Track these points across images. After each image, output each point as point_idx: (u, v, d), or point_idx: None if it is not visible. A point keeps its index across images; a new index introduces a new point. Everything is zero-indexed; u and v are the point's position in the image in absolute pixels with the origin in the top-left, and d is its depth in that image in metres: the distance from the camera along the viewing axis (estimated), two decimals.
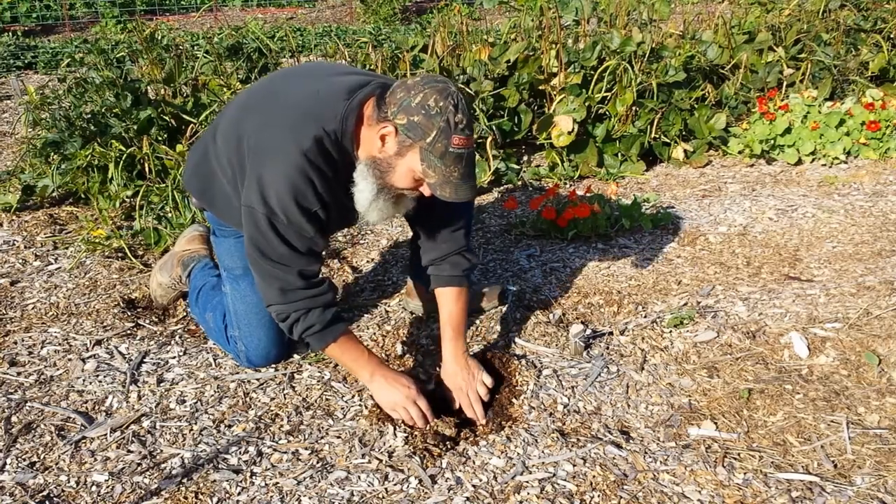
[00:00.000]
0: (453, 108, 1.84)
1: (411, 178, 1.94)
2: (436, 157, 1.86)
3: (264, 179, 1.95)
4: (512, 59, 4.29)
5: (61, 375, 2.31)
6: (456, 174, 1.89)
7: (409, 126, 1.86)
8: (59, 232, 3.34)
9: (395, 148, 1.90)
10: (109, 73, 3.73)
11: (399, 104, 1.86)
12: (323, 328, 2.06)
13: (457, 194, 1.92)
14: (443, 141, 1.84)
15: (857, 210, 3.49)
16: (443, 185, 1.90)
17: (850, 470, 1.87)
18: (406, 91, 1.87)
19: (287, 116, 2.00)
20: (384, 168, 1.94)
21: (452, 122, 1.84)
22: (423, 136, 1.85)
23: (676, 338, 2.46)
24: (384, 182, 1.96)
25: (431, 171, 1.88)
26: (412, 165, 1.90)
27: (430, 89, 1.85)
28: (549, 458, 1.93)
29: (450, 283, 2.27)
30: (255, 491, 1.84)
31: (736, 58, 4.69)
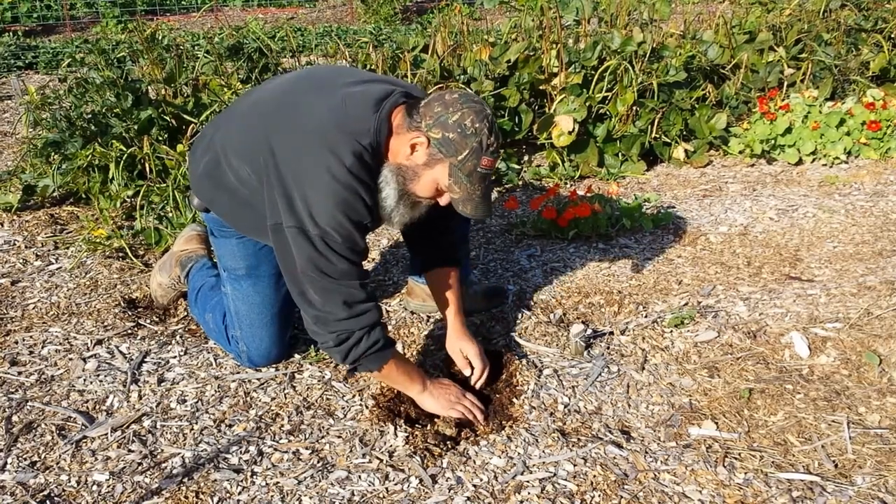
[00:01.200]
0: (488, 130, 1.90)
1: (434, 188, 1.98)
2: (464, 175, 1.91)
3: (311, 200, 1.91)
4: (512, 59, 4.29)
5: (62, 375, 2.31)
6: (479, 193, 1.95)
7: (443, 141, 1.90)
8: (59, 232, 3.34)
9: (425, 159, 1.93)
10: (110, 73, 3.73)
11: (436, 118, 1.90)
12: (384, 346, 2.03)
13: (476, 212, 1.98)
14: (473, 160, 1.90)
15: (857, 210, 3.49)
16: (465, 202, 1.96)
17: (850, 470, 1.87)
18: (444, 107, 1.91)
19: (320, 133, 1.95)
20: (409, 176, 1.97)
21: (485, 144, 1.90)
22: (455, 154, 1.90)
23: (677, 338, 2.46)
24: (405, 189, 1.99)
25: (457, 187, 1.93)
26: (438, 178, 1.95)
27: (468, 109, 1.90)
28: (550, 458, 1.93)
29: (444, 263, 2.32)
30: (255, 490, 1.84)
31: (737, 58, 4.69)
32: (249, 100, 2.23)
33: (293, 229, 1.93)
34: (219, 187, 2.18)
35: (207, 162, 2.20)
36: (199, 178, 2.24)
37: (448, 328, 2.31)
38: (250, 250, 2.26)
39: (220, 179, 2.17)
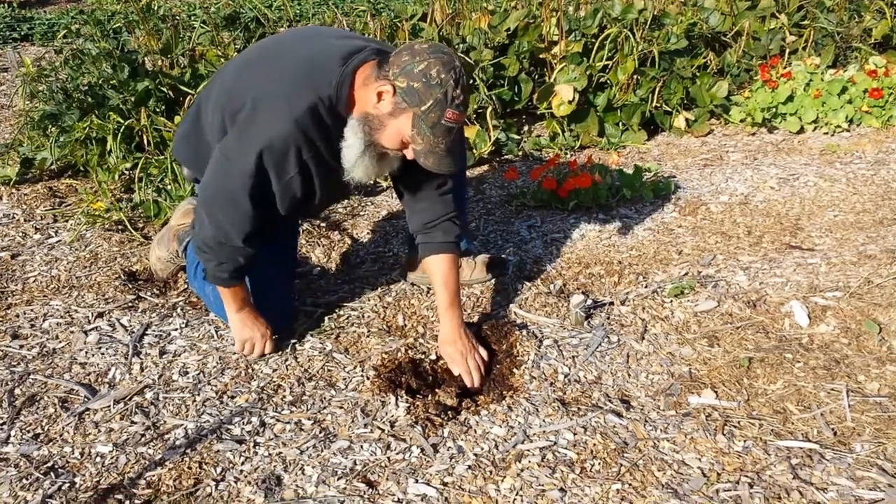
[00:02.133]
0: (454, 82, 1.88)
1: (399, 139, 1.97)
2: (427, 126, 1.90)
3: (250, 135, 1.99)
4: (512, 28, 4.24)
5: (63, 348, 2.32)
6: (442, 146, 1.93)
7: (407, 90, 1.88)
8: (58, 205, 3.33)
9: (390, 108, 1.93)
10: (106, 45, 3.69)
11: (402, 67, 1.89)
12: (232, 274, 2.17)
13: (439, 165, 1.96)
14: (437, 112, 1.88)
15: (858, 178, 3.48)
16: (427, 154, 1.95)
17: (849, 437, 1.88)
18: (412, 56, 1.90)
19: (283, 81, 2.02)
20: (375, 125, 1.97)
21: (450, 96, 1.87)
22: (419, 104, 1.88)
23: (677, 307, 2.47)
24: (372, 139, 1.99)
25: (420, 138, 1.92)
26: (402, 128, 1.93)
27: (435, 59, 1.88)
28: (550, 427, 1.95)
29: (442, 250, 2.26)
30: (258, 461, 1.85)
31: (738, 25, 4.64)
32: (237, 58, 2.29)
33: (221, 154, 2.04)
34: (197, 144, 2.24)
35: (189, 120, 2.27)
36: (181, 138, 2.32)
37: (440, 327, 2.27)
38: None
39: (197, 135, 2.23)
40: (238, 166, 2.00)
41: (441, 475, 1.80)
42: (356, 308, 2.55)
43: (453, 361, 2.19)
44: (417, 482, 1.78)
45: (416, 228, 2.29)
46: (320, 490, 1.76)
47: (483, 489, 1.75)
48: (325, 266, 2.86)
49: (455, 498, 1.73)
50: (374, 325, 2.45)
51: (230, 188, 2.04)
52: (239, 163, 2.00)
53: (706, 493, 1.72)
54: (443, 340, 2.23)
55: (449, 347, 2.21)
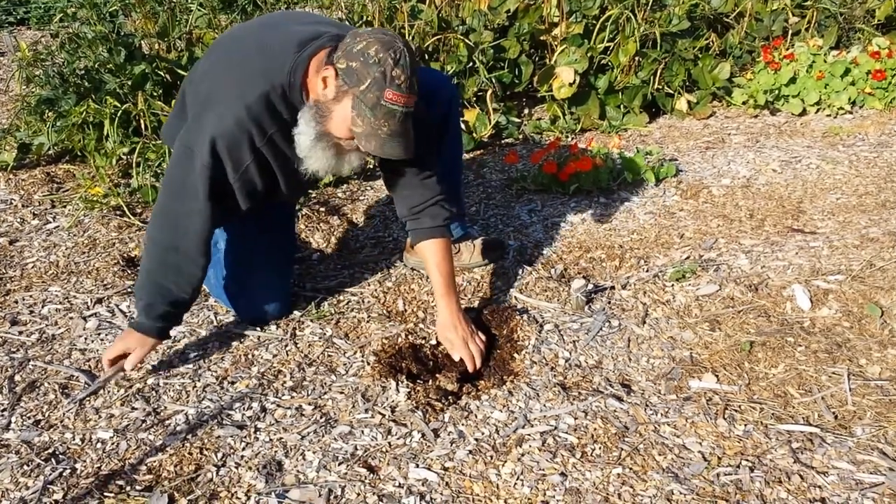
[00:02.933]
0: (392, 61, 1.83)
1: (346, 127, 1.93)
2: (366, 107, 1.86)
3: (203, 123, 1.97)
4: (512, 9, 4.20)
5: (63, 334, 2.31)
6: (385, 129, 1.88)
7: (346, 71, 1.86)
8: (56, 190, 3.31)
9: (333, 92, 1.91)
10: (102, 28, 3.66)
11: (344, 49, 1.87)
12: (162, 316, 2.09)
13: (383, 150, 1.92)
14: (375, 91, 1.84)
15: (861, 161, 3.46)
16: (368, 137, 1.90)
17: (850, 421, 1.87)
18: (353, 38, 1.88)
19: (236, 68, 2.02)
20: (323, 112, 1.94)
21: (389, 75, 1.83)
22: (357, 83, 1.85)
23: (678, 291, 2.46)
24: (323, 128, 1.96)
25: (360, 120, 1.88)
26: (345, 112, 1.90)
27: (374, 39, 1.85)
28: (551, 412, 1.94)
29: (432, 234, 2.23)
30: (259, 446, 1.85)
31: (741, 6, 4.60)
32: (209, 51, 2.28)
33: (180, 146, 2.01)
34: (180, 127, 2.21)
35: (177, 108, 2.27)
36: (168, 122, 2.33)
37: (437, 313, 2.25)
38: None
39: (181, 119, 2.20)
40: (195, 156, 1.97)
41: (442, 460, 1.80)
42: (356, 293, 2.54)
43: (453, 347, 2.18)
44: (418, 467, 1.78)
45: (404, 214, 2.26)
46: (321, 475, 1.76)
47: (484, 474, 1.75)
48: (324, 251, 2.85)
49: (456, 483, 1.73)
50: (375, 310, 2.45)
51: (190, 181, 1.99)
52: (195, 152, 1.97)
53: (707, 476, 1.72)
54: (441, 326, 2.22)
55: (449, 333, 2.19)
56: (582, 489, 1.70)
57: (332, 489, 1.72)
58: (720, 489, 1.69)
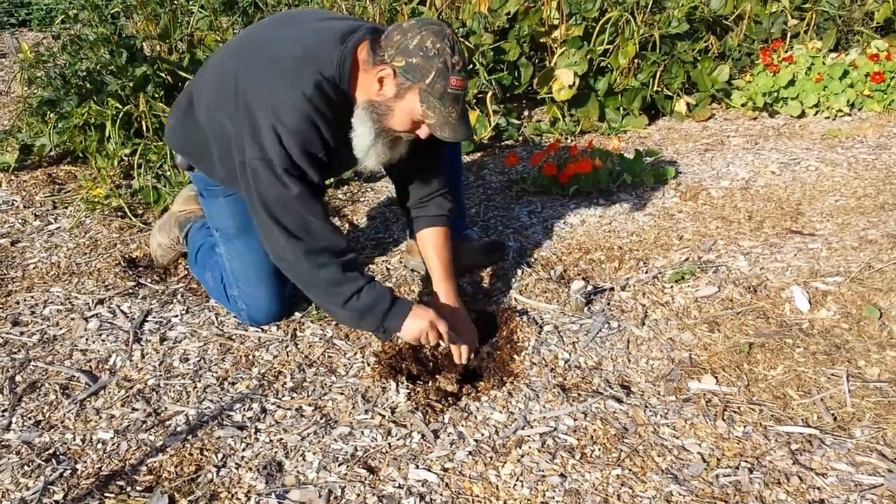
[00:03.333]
0: (450, 49, 1.87)
1: (410, 120, 1.96)
2: (435, 99, 1.89)
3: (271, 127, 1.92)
4: (512, 11, 4.21)
5: (64, 335, 2.32)
6: (454, 115, 1.92)
7: (407, 68, 1.88)
8: (57, 191, 3.32)
9: (394, 90, 1.92)
10: (104, 30, 3.67)
11: (396, 46, 1.88)
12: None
13: (455, 134, 1.95)
14: (441, 82, 1.87)
15: (860, 163, 3.47)
16: (442, 126, 1.93)
17: (849, 423, 1.88)
18: (402, 33, 1.88)
19: (283, 64, 1.98)
20: (382, 111, 1.95)
21: (450, 64, 1.87)
22: (421, 78, 1.88)
23: (677, 293, 2.47)
24: (382, 125, 1.97)
25: (431, 112, 1.91)
26: (411, 107, 1.92)
27: (426, 31, 1.87)
28: (550, 413, 1.95)
29: (434, 222, 2.28)
30: (259, 447, 1.86)
31: (740, 8, 4.61)
32: (225, 45, 2.25)
33: (256, 161, 1.94)
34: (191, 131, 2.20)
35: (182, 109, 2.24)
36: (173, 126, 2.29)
37: (438, 297, 2.25)
38: (239, 207, 2.22)
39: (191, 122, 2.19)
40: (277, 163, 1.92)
41: (442, 461, 1.80)
42: None
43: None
44: (418, 468, 1.78)
45: (411, 203, 2.30)
46: (321, 476, 1.76)
47: (483, 475, 1.76)
48: None
49: (455, 484, 1.73)
50: None
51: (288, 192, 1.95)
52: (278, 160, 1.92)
53: (706, 478, 1.73)
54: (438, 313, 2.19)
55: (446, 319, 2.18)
56: (581, 490, 1.70)
57: (332, 490, 1.72)
58: (719, 490, 1.69)
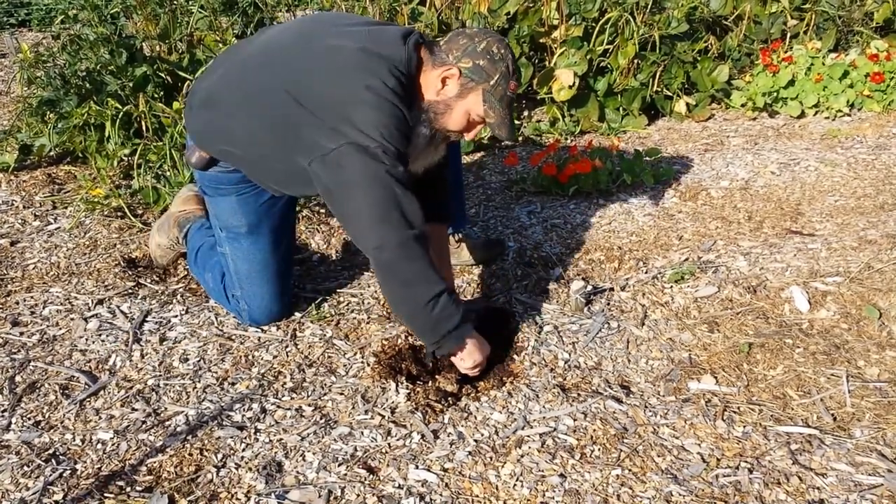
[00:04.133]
0: (511, 56, 2.00)
1: (465, 120, 2.03)
2: (496, 99, 1.99)
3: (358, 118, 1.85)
4: (512, 12, 4.21)
5: (64, 335, 2.32)
6: (508, 117, 2.04)
7: (474, 69, 1.97)
8: (57, 191, 3.32)
9: (457, 90, 1.99)
10: (104, 30, 3.67)
11: (463, 49, 1.97)
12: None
13: (510, 134, 2.07)
14: (503, 84, 1.99)
15: (859, 163, 3.47)
16: (500, 126, 2.03)
17: (849, 423, 1.88)
18: (469, 39, 1.99)
19: (355, 63, 1.92)
20: (440, 110, 2.01)
21: (511, 69, 1.99)
22: (487, 79, 1.97)
23: (677, 293, 2.47)
24: (437, 126, 2.04)
25: (492, 111, 2.00)
26: (472, 107, 2.01)
27: (492, 38, 1.99)
28: (550, 413, 1.95)
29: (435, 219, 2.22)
30: (259, 447, 1.86)
31: (739, 9, 4.61)
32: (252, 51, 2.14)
33: (345, 146, 1.84)
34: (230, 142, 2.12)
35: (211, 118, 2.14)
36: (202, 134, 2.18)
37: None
38: (251, 206, 2.23)
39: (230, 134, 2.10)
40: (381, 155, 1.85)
41: (441, 461, 1.80)
42: (356, 294, 2.55)
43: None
44: (418, 468, 1.78)
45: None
46: (321, 476, 1.76)
47: (483, 475, 1.76)
48: (324, 253, 2.86)
49: (455, 484, 1.73)
50: (374, 311, 2.45)
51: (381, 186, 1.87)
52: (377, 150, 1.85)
53: (706, 478, 1.73)
54: None
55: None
56: (581, 490, 1.70)
57: (332, 490, 1.72)
58: (719, 490, 1.69)
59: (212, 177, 2.27)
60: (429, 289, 1.92)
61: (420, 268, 1.91)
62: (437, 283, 1.93)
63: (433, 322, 1.95)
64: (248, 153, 2.11)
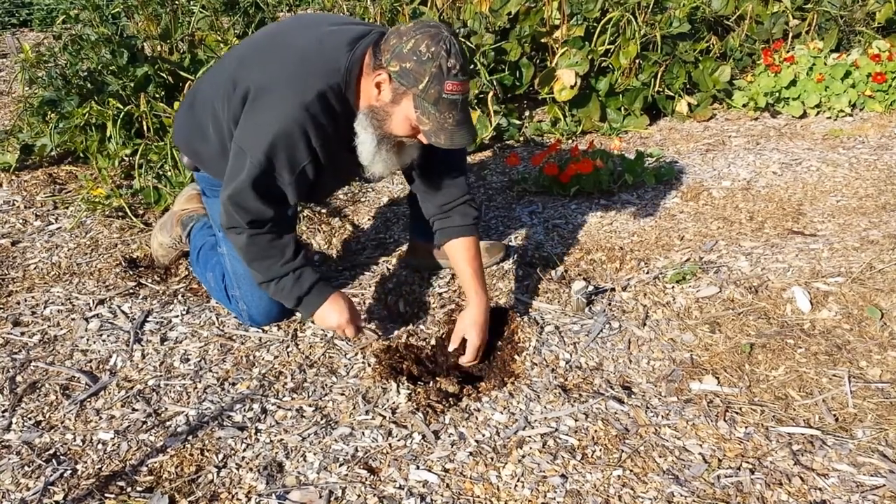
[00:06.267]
0: (445, 53, 1.83)
1: (408, 125, 1.93)
2: (429, 104, 1.86)
3: (260, 125, 1.96)
4: (513, 12, 4.21)
5: (65, 335, 2.32)
6: (451, 120, 1.88)
7: (401, 73, 1.85)
8: (58, 191, 3.32)
9: (390, 95, 1.90)
10: (105, 30, 3.67)
11: (392, 51, 1.86)
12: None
13: (452, 141, 1.91)
14: (436, 87, 1.84)
15: (861, 163, 3.46)
16: (437, 133, 1.89)
17: (851, 423, 1.88)
18: (399, 37, 1.86)
19: (292, 67, 1.99)
20: (381, 117, 1.94)
21: (445, 68, 1.83)
22: (415, 83, 1.85)
23: (679, 293, 2.46)
24: (383, 131, 1.96)
25: (426, 118, 1.88)
26: (407, 113, 1.90)
27: (421, 35, 1.84)
28: (552, 414, 1.95)
29: (462, 233, 2.24)
30: (260, 447, 1.86)
31: (741, 8, 4.61)
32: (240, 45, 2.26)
33: (236, 146, 2.02)
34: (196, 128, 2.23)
35: (187, 105, 2.26)
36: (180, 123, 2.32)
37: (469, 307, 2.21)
38: None
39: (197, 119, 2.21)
40: (250, 156, 1.98)
41: (442, 461, 1.80)
42: (357, 294, 2.55)
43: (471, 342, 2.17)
44: (419, 468, 1.78)
45: (433, 213, 2.27)
46: (322, 476, 1.76)
47: (484, 475, 1.75)
48: (326, 252, 2.85)
49: (456, 484, 1.73)
50: (376, 311, 2.45)
51: (245, 179, 2.00)
52: (252, 152, 1.98)
53: (707, 479, 1.72)
54: (470, 322, 2.18)
55: (473, 331, 2.17)
56: (582, 491, 1.70)
57: (333, 490, 1.72)
58: (721, 491, 1.69)
59: (204, 177, 2.31)
60: (265, 274, 2.14)
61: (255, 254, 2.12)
62: (269, 270, 2.12)
63: (276, 296, 2.18)
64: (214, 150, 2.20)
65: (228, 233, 2.13)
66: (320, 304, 2.17)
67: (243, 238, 2.09)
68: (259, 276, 2.15)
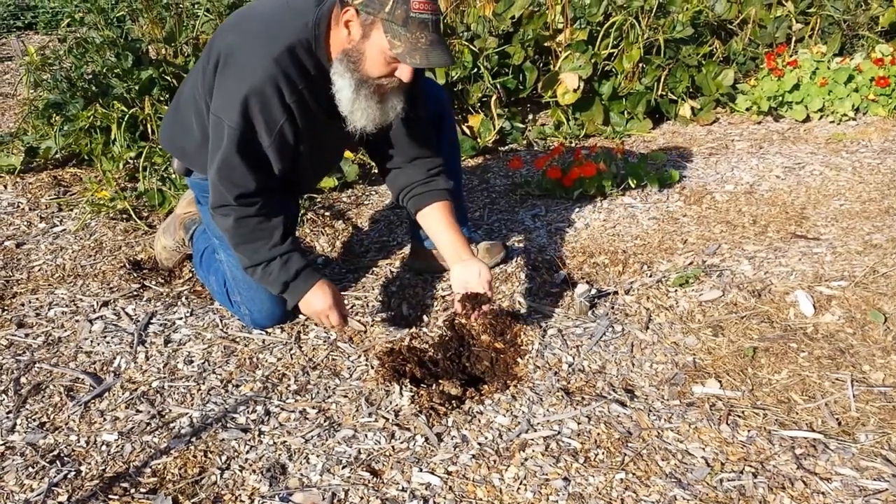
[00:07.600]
0: None
1: (383, 59, 1.91)
2: (398, 26, 1.84)
3: (232, 87, 1.97)
4: (517, 15, 4.22)
5: (69, 337, 2.32)
6: (423, 40, 1.86)
7: (366, 3, 1.85)
8: (63, 194, 3.33)
9: (360, 31, 1.90)
10: (110, 33, 3.68)
11: None
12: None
13: (428, 59, 1.88)
14: (402, 7, 1.83)
15: (864, 167, 3.46)
16: (412, 53, 1.87)
17: (854, 427, 1.88)
18: None
19: (259, 27, 2.01)
20: (356, 57, 1.93)
21: None
22: (381, 7, 1.84)
23: (681, 297, 2.46)
24: (360, 74, 1.95)
25: (397, 41, 1.86)
26: (379, 43, 1.88)
27: None
28: (554, 417, 1.95)
29: (440, 197, 2.25)
30: (263, 449, 1.86)
31: (744, 12, 4.61)
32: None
33: (213, 116, 2.02)
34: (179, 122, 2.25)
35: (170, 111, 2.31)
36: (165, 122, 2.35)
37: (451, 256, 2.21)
38: None
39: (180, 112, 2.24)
40: (227, 121, 1.99)
41: (445, 464, 1.80)
42: (360, 297, 2.55)
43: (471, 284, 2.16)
44: (422, 471, 1.78)
45: (408, 184, 2.27)
46: (325, 478, 1.77)
47: (487, 478, 1.76)
48: (329, 255, 2.86)
49: (459, 487, 1.73)
50: (379, 314, 2.46)
51: (227, 147, 2.01)
52: (228, 116, 1.99)
53: (710, 482, 1.72)
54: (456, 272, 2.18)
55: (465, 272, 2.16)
56: (585, 494, 1.70)
57: (336, 493, 1.72)
58: (723, 495, 1.69)
59: (195, 183, 2.31)
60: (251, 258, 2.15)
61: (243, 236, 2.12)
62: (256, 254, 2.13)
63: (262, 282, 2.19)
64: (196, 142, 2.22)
65: (216, 214, 2.12)
66: (307, 290, 2.17)
67: (230, 220, 2.09)
68: (245, 259, 2.15)
